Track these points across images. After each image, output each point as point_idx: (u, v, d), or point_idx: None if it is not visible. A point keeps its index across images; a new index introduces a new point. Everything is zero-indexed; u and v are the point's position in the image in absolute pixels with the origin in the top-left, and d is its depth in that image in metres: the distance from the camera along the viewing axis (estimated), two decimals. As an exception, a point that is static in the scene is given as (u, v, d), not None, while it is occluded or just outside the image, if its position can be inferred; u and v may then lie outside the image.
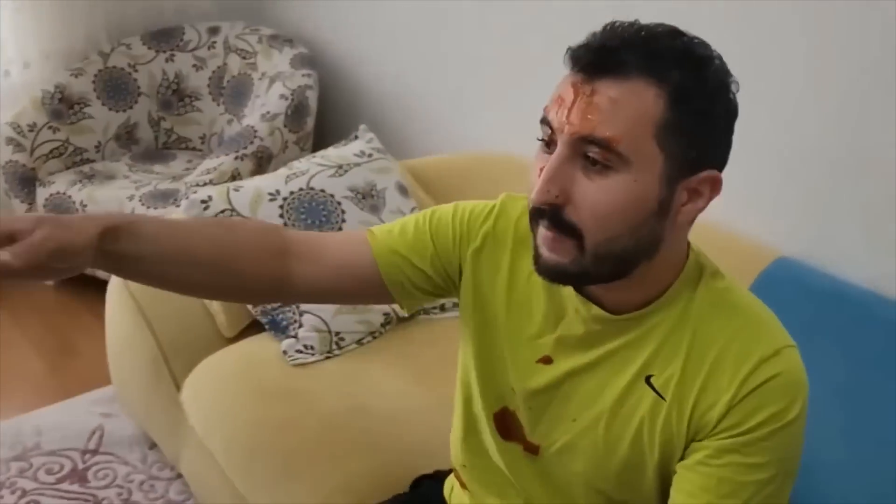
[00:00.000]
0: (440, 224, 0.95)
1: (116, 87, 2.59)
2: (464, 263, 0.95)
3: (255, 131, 2.25)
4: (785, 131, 1.55)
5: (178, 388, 1.65)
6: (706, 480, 0.79)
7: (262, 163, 2.23)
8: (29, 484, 1.78)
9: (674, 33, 0.76)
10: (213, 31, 2.71)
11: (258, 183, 1.80)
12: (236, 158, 2.17)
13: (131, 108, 2.63)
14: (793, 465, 0.82)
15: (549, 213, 0.76)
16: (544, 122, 0.78)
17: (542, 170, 0.76)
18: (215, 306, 1.73)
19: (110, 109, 2.58)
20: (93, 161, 2.54)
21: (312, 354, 1.62)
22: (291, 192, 1.73)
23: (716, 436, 0.79)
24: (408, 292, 0.96)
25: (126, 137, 2.63)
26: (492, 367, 0.94)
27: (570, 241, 0.76)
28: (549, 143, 0.78)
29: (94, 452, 1.88)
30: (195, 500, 1.74)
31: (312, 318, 1.64)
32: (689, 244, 0.86)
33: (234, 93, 2.66)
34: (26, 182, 2.40)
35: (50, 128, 2.43)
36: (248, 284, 0.93)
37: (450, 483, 1.12)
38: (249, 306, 1.71)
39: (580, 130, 0.73)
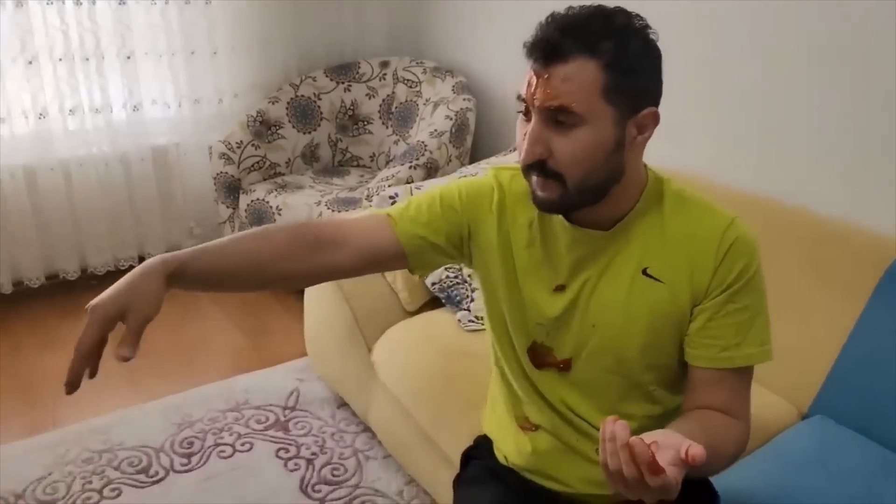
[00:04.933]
0: (450, 203, 1.17)
1: (304, 113, 3.04)
2: (476, 231, 1.16)
3: (426, 146, 2.61)
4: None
5: (370, 351, 1.98)
6: (718, 331, 1.06)
7: (431, 172, 2.58)
8: (243, 429, 2.16)
9: (597, 13, 0.98)
10: (384, 64, 3.13)
11: (435, 182, 2.14)
12: (410, 168, 2.53)
13: (315, 130, 3.07)
14: (765, 301, 1.09)
15: (537, 167, 1.01)
16: (519, 98, 1.02)
17: (525, 135, 1.01)
18: (399, 285, 2.07)
19: (299, 132, 3.03)
20: (283, 174, 2.99)
21: (482, 324, 1.91)
22: (466, 190, 2.06)
23: (711, 296, 1.06)
24: (424, 263, 1.19)
25: (310, 155, 3.08)
26: (519, 310, 1.15)
27: (555, 182, 1.01)
28: (526, 113, 1.02)
29: (293, 409, 2.25)
30: (381, 447, 2.05)
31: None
32: (645, 165, 1.10)
33: (401, 117, 3.06)
34: (232, 190, 2.87)
35: (252, 145, 2.90)
36: (290, 278, 1.14)
37: (501, 450, 1.29)
38: (428, 286, 2.04)
39: (545, 103, 0.98)
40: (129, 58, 2.70)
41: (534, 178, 1.04)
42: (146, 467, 2.00)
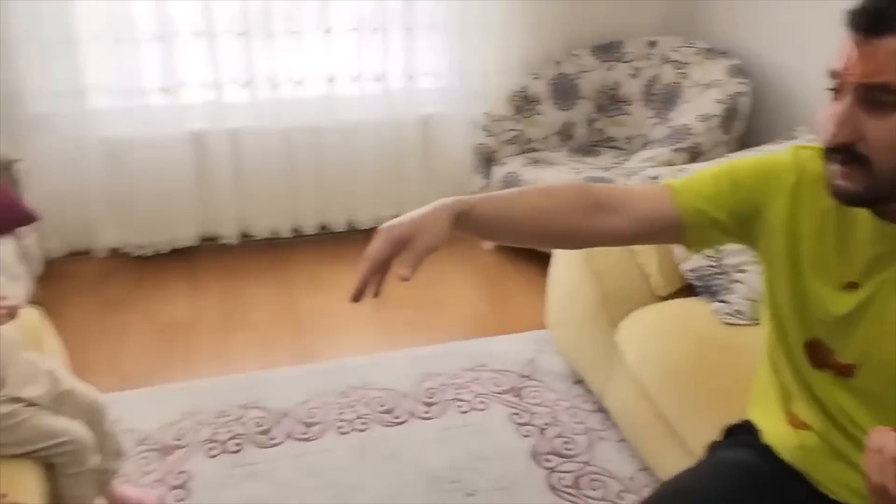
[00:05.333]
0: (740, 179, 1.09)
1: (564, 90, 3.05)
2: (765, 211, 1.07)
3: (691, 129, 2.49)
4: None
5: (615, 331, 1.95)
6: None
7: (694, 157, 2.46)
8: (480, 389, 2.24)
9: None
10: (652, 44, 3.03)
11: (700, 166, 2.03)
12: (673, 150, 2.43)
13: (572, 108, 3.07)
14: None
15: (843, 150, 0.90)
16: (833, 75, 0.90)
17: (831, 115, 0.89)
18: (651, 269, 2.01)
19: (557, 109, 3.05)
20: (538, 150, 3.03)
21: (742, 318, 1.79)
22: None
23: None
24: (702, 239, 1.13)
25: (565, 133, 3.08)
26: (800, 302, 1.06)
27: (861, 171, 0.90)
28: (836, 91, 0.91)
29: (529, 378, 2.29)
30: (615, 430, 2.02)
31: (743, 287, 1.82)
32: None
33: (664, 99, 2.94)
34: (488, 162, 2.96)
35: (512, 119, 2.96)
36: (568, 236, 1.13)
37: (766, 438, 1.19)
38: (685, 272, 1.95)
39: (864, 79, 0.87)
40: (409, 30, 2.88)
41: (834, 165, 0.94)
42: (391, 409, 2.15)
